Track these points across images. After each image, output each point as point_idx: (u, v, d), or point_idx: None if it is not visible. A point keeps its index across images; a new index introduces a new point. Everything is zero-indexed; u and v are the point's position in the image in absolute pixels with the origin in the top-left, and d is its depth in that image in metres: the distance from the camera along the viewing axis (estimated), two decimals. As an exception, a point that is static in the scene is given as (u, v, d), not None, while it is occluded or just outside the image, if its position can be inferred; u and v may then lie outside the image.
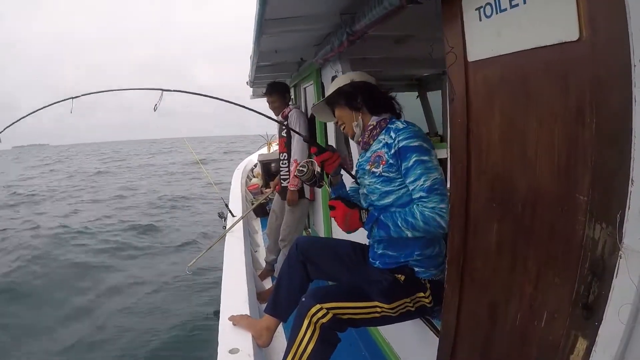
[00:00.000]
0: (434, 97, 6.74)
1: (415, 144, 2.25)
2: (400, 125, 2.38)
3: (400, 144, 2.28)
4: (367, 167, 2.50)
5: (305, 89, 5.50)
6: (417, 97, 6.94)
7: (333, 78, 3.91)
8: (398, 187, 2.34)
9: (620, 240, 1.11)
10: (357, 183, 2.77)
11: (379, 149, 2.44)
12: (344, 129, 2.70)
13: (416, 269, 2.43)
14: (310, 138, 3.33)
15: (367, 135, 2.54)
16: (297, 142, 4.81)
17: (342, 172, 2.82)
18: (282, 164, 5.18)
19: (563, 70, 1.28)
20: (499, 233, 1.64)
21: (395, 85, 6.95)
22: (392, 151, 2.32)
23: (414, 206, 2.24)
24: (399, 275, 2.41)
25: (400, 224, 2.27)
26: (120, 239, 12.56)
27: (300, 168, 2.66)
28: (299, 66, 5.38)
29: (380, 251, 2.53)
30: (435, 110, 6.76)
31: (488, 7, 1.53)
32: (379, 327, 3.41)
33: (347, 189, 2.85)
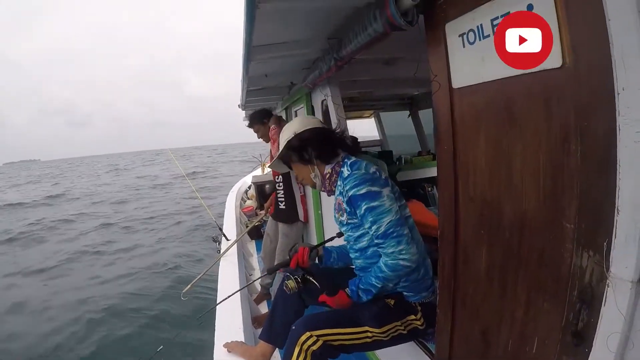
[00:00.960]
0: (427, 115, 6.74)
1: (363, 191, 2.23)
2: (345, 172, 2.39)
3: (349, 193, 2.28)
4: (336, 216, 2.52)
5: (296, 112, 5.50)
6: (409, 115, 6.96)
7: (323, 102, 3.92)
8: (367, 230, 2.31)
9: (607, 268, 1.11)
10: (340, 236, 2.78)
11: (338, 196, 2.46)
12: (303, 181, 2.69)
13: (405, 293, 2.42)
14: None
15: (328, 183, 2.54)
16: None
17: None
18: (278, 186, 5.16)
19: (547, 97, 1.29)
20: (488, 259, 1.64)
21: (387, 104, 6.98)
22: (345, 200, 2.34)
23: (380, 260, 2.25)
24: (389, 300, 2.40)
25: (376, 283, 2.29)
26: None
27: (286, 283, 2.66)
28: (289, 89, 5.39)
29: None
30: (428, 128, 6.78)
31: (471, 33, 1.54)
32: (375, 352, 3.39)
33: (335, 254, 2.85)
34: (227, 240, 5.74)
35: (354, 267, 2.61)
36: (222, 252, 5.33)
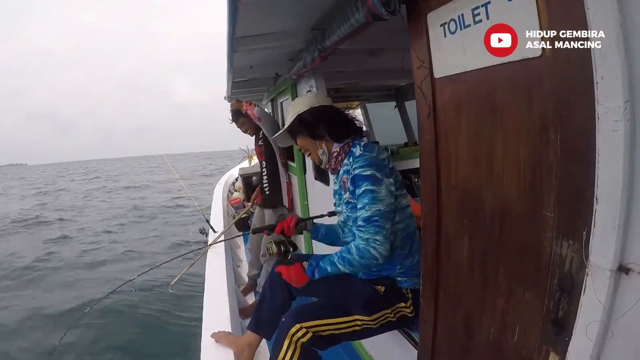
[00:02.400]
0: (413, 106, 6.70)
1: (368, 172, 2.23)
2: (357, 152, 2.39)
3: (355, 172, 2.27)
4: (342, 193, 2.51)
5: (281, 103, 5.49)
6: (395, 107, 6.95)
7: (308, 92, 3.91)
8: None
9: (586, 257, 1.11)
10: (333, 215, 2.80)
11: (343, 173, 2.45)
12: (309, 155, 2.69)
13: (398, 279, 2.44)
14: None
15: (334, 162, 2.54)
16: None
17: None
18: (262, 171, 5.17)
19: (527, 87, 1.29)
20: (470, 248, 1.65)
21: (373, 95, 6.96)
22: (350, 177, 2.33)
23: (352, 241, 2.26)
24: (379, 287, 2.41)
25: (337, 262, 2.29)
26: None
27: (267, 246, 2.66)
28: (275, 81, 5.37)
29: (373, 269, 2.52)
30: (414, 119, 6.76)
31: (452, 23, 1.54)
32: (361, 340, 3.41)
33: (323, 230, 2.87)
34: (215, 232, 5.73)
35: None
36: (209, 243, 5.32)
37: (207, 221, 6.26)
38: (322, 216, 2.94)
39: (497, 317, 1.54)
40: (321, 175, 4.10)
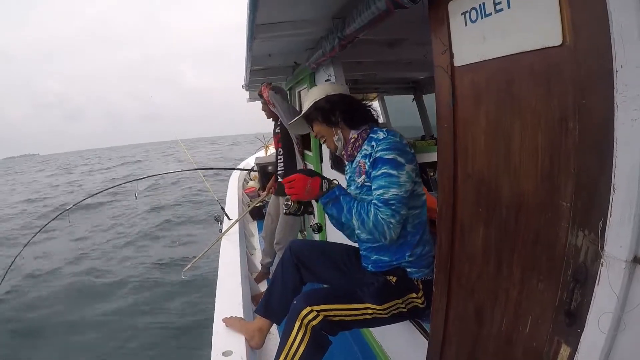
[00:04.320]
0: (431, 99, 6.67)
1: (390, 156, 2.25)
2: (381, 135, 2.40)
3: (377, 154, 2.29)
4: (354, 178, 2.53)
5: (299, 92, 5.48)
6: (413, 100, 6.92)
7: (326, 81, 3.90)
8: (374, 191, 2.32)
9: (602, 247, 1.10)
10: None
11: (361, 158, 2.45)
12: (324, 142, 2.70)
13: (408, 270, 2.44)
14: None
15: (350, 148, 2.55)
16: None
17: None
18: (279, 158, 5.15)
19: (546, 76, 1.28)
20: (485, 237, 1.64)
21: (391, 88, 6.93)
22: (371, 160, 2.33)
23: (372, 206, 2.25)
24: (391, 277, 2.42)
25: (354, 212, 2.30)
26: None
27: (285, 203, 2.65)
28: (293, 70, 5.37)
29: (373, 257, 2.55)
30: (432, 112, 6.73)
31: (473, 11, 1.53)
32: (371, 329, 3.42)
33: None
34: (229, 219, 5.74)
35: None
36: (223, 231, 5.34)
37: (222, 209, 6.27)
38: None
39: (510, 308, 1.53)
40: (337, 164, 4.09)
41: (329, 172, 4.33)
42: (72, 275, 10.07)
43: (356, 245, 2.74)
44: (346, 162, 2.70)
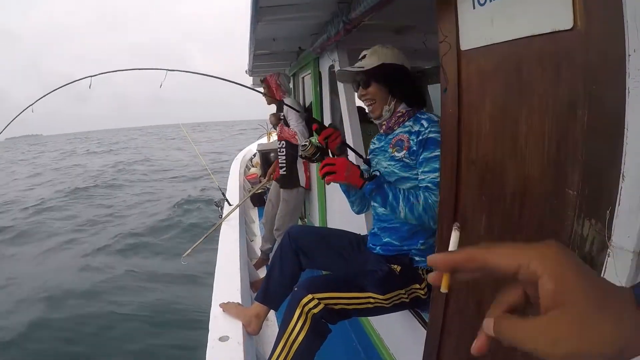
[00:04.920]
0: (436, 90, 6.63)
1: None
2: (434, 118, 2.39)
3: (430, 135, 2.28)
4: (389, 150, 2.49)
5: (303, 78, 5.45)
6: (419, 89, 6.87)
7: (331, 67, 3.88)
8: (416, 176, 2.34)
9: (608, 237, 1.07)
10: (367, 164, 2.75)
11: (403, 133, 2.42)
12: (369, 105, 2.58)
13: (416, 258, 2.43)
14: (310, 117, 3.26)
15: (393, 121, 2.52)
16: (295, 121, 4.85)
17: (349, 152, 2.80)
18: (280, 152, 5.15)
19: (556, 60, 1.24)
20: (488, 226, 1.61)
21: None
22: (419, 139, 2.31)
23: (420, 191, 2.25)
24: (395, 266, 2.40)
25: (401, 199, 2.26)
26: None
27: (303, 144, 2.62)
28: (297, 55, 5.34)
29: (385, 239, 2.53)
30: (437, 105, 6.69)
31: (481, -6, 1.50)
32: (370, 319, 3.40)
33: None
34: (230, 205, 5.73)
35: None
36: (223, 216, 5.33)
37: (223, 194, 6.26)
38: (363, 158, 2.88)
39: (512, 298, 1.50)
40: (342, 151, 4.09)
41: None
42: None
43: (359, 232, 2.72)
44: (380, 133, 2.68)
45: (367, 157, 2.74)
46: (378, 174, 2.44)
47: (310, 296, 2.15)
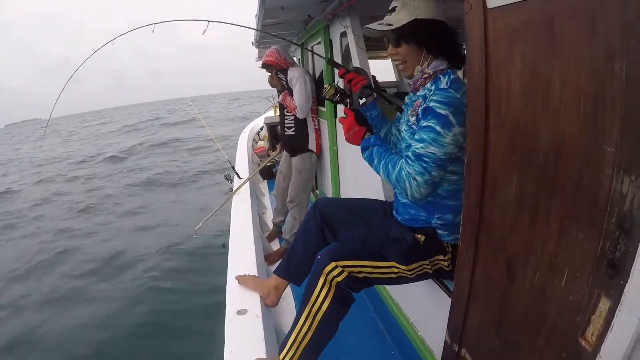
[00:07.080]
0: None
1: (443, 112, 2.05)
2: (443, 84, 2.17)
3: (430, 104, 2.11)
4: (408, 113, 2.37)
5: (312, 47, 5.38)
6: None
7: (342, 34, 3.82)
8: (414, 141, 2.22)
9: None
10: (399, 111, 2.73)
11: (420, 97, 2.28)
12: (399, 64, 2.39)
13: (439, 231, 2.37)
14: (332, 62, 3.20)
15: (419, 83, 2.32)
16: (299, 92, 4.84)
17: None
18: (287, 111, 5.15)
19: (591, 13, 1.19)
20: (519, 186, 1.56)
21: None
22: (423, 106, 2.17)
23: (401, 160, 2.20)
24: (419, 236, 2.36)
25: (382, 164, 2.27)
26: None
27: (325, 87, 2.61)
28: (305, 24, 5.27)
29: (410, 210, 2.45)
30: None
31: (510, -54, 1.45)
32: (387, 288, 3.39)
33: (379, 112, 2.74)
34: (240, 178, 5.72)
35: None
36: (234, 189, 5.33)
37: (233, 167, 6.25)
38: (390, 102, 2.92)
39: (545, 260, 1.46)
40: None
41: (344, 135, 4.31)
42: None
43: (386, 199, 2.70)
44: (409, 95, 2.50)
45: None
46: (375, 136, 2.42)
47: (334, 264, 2.13)
